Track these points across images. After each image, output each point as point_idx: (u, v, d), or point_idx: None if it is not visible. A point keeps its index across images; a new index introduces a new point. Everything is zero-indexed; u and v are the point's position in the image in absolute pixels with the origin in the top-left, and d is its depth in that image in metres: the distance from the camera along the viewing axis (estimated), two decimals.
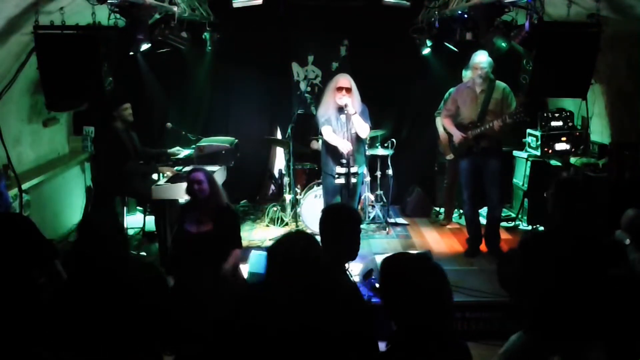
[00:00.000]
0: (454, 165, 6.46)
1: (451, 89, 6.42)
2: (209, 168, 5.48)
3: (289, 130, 6.20)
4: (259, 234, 6.34)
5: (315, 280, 2.35)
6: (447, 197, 6.74)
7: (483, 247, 5.67)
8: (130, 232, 6.11)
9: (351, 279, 2.81)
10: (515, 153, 6.63)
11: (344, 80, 5.04)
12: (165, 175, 5.42)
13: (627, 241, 3.61)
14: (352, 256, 2.78)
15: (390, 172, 6.59)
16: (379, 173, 6.64)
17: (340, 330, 2.42)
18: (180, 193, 5.10)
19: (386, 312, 2.05)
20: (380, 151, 6.52)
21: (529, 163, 6.36)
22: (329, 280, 2.63)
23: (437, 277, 2.01)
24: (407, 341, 1.95)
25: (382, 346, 2.61)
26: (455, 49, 5.72)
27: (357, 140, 5.18)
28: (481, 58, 5.18)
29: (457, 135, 5.42)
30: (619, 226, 3.84)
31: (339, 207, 3.48)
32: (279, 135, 7.31)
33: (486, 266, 5.26)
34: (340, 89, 5.00)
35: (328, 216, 2.78)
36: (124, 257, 2.87)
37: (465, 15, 5.04)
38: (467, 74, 6.26)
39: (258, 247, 5.61)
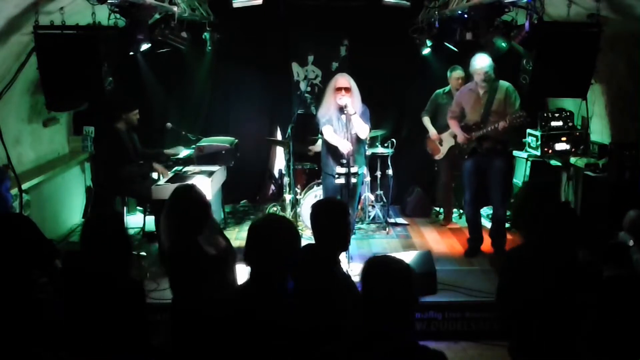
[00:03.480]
0: (445, 164, 6.51)
1: (438, 91, 6.49)
2: (209, 168, 5.51)
3: (289, 130, 6.20)
4: None
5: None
6: (445, 197, 6.74)
7: (483, 247, 5.68)
8: (130, 232, 6.11)
9: (343, 270, 2.96)
10: (515, 153, 6.62)
11: (343, 80, 5.03)
12: (163, 175, 5.42)
13: (631, 242, 3.62)
14: (344, 247, 2.99)
15: (390, 172, 6.59)
16: (379, 173, 6.64)
17: (334, 320, 2.46)
18: None
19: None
20: (380, 151, 6.52)
21: (528, 163, 6.36)
22: (323, 271, 2.73)
23: (406, 286, 2.06)
24: (366, 341, 2.01)
25: None
26: (455, 49, 5.72)
27: (357, 141, 5.17)
28: (481, 62, 5.15)
29: (461, 136, 5.45)
30: (619, 226, 3.85)
31: (325, 201, 3.66)
32: (279, 136, 7.31)
33: (486, 266, 5.27)
34: (339, 89, 4.99)
35: (315, 211, 2.94)
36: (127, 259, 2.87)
37: (465, 15, 5.04)
38: (451, 75, 6.29)
39: None
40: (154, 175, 6.01)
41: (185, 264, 3.19)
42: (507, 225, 5.76)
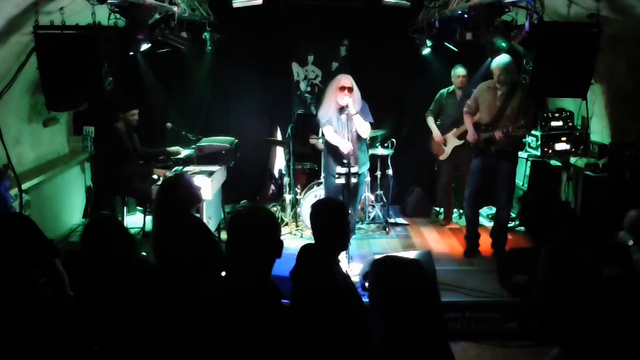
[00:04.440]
0: (447, 165, 6.50)
1: (442, 91, 6.47)
2: (209, 168, 5.50)
3: (289, 130, 6.20)
4: None
5: None
6: (445, 197, 6.74)
7: (483, 247, 5.68)
8: (130, 232, 6.11)
9: (343, 270, 2.96)
10: None
11: (346, 80, 5.05)
12: (163, 177, 5.42)
13: (631, 242, 3.62)
14: (344, 247, 3.01)
15: (390, 172, 6.59)
16: (379, 173, 6.64)
17: (334, 320, 2.46)
18: None
19: (372, 312, 2.06)
20: (380, 151, 6.52)
21: (529, 163, 6.36)
22: (323, 271, 2.73)
23: (427, 283, 2.03)
24: (392, 344, 1.93)
25: None
26: (455, 49, 5.72)
27: (359, 140, 5.19)
28: (500, 63, 5.14)
29: (471, 135, 5.45)
30: (619, 226, 3.85)
31: (325, 201, 3.64)
32: (279, 135, 7.31)
33: (486, 266, 5.27)
34: (342, 88, 5.01)
35: (315, 211, 2.95)
36: (129, 258, 2.88)
37: (465, 15, 5.04)
38: (453, 74, 6.29)
39: None
40: (154, 175, 6.01)
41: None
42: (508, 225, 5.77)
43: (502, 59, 5.13)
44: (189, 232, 3.34)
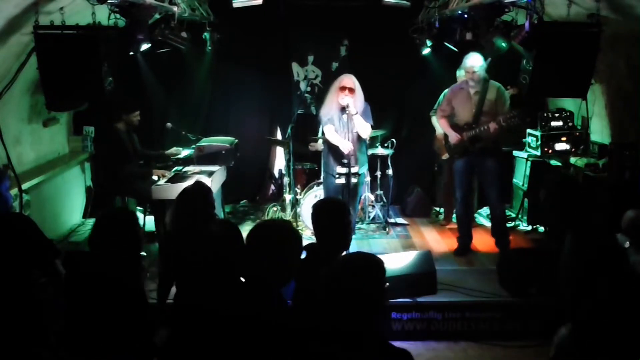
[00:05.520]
0: (450, 165, 6.48)
1: (445, 90, 6.45)
2: (209, 168, 5.51)
3: (289, 130, 6.20)
4: None
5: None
6: (445, 197, 6.73)
7: (485, 247, 5.68)
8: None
9: None
10: (515, 153, 6.64)
11: (348, 80, 5.05)
12: (161, 177, 5.43)
13: (627, 244, 3.62)
14: (345, 246, 2.97)
15: (390, 172, 6.59)
16: (379, 173, 6.64)
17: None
18: None
19: None
20: (380, 151, 6.52)
21: (529, 163, 6.36)
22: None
23: (368, 279, 2.00)
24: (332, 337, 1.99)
25: None
26: (455, 49, 5.72)
27: (359, 140, 5.19)
28: (473, 61, 5.14)
29: (453, 137, 5.42)
30: (619, 226, 3.85)
31: (326, 201, 3.66)
32: (279, 136, 7.31)
33: (486, 266, 5.27)
34: (343, 88, 5.01)
35: (316, 210, 2.96)
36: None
37: (465, 15, 5.04)
38: (461, 74, 6.28)
39: None
40: (154, 176, 6.01)
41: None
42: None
43: (477, 59, 5.13)
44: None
